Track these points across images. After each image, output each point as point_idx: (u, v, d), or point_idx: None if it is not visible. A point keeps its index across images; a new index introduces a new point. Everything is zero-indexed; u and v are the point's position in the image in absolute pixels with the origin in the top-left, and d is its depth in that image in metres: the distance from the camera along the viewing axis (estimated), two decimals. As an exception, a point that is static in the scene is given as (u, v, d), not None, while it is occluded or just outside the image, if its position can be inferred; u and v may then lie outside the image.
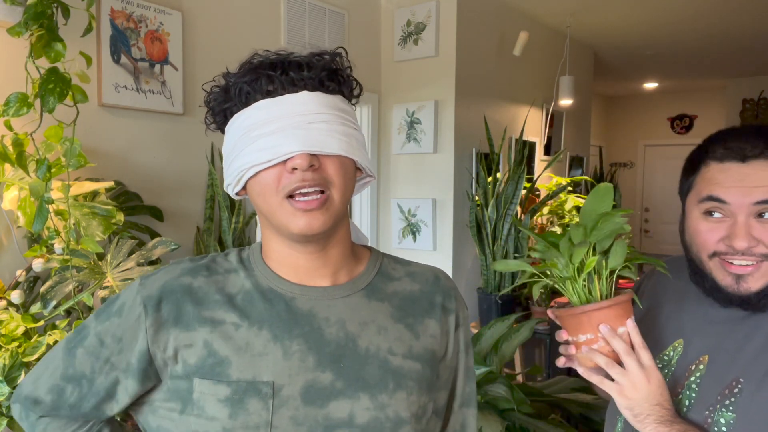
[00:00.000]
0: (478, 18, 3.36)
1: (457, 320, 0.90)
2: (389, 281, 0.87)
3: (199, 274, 0.81)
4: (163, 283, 0.79)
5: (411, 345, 0.82)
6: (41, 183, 1.46)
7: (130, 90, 2.13)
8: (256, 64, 0.78)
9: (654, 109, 7.30)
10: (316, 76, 0.77)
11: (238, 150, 0.77)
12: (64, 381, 0.81)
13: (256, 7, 2.64)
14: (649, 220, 7.41)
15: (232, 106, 0.78)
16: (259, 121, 0.75)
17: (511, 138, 3.66)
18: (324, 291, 0.81)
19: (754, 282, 0.90)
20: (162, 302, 0.78)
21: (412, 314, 0.85)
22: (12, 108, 1.50)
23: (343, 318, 0.80)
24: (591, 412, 1.96)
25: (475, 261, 3.43)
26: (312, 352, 0.77)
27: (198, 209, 2.42)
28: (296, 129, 0.74)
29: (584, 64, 4.81)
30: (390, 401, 0.78)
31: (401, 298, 0.86)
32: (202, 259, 0.84)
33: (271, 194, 0.76)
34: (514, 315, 2.26)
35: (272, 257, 0.82)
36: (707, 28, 4.28)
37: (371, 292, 0.84)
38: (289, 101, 0.75)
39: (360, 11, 3.24)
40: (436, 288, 0.89)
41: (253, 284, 0.81)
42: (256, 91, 0.76)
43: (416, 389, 0.81)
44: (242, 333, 0.77)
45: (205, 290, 0.79)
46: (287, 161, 0.74)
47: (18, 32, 1.49)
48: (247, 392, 0.74)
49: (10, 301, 1.64)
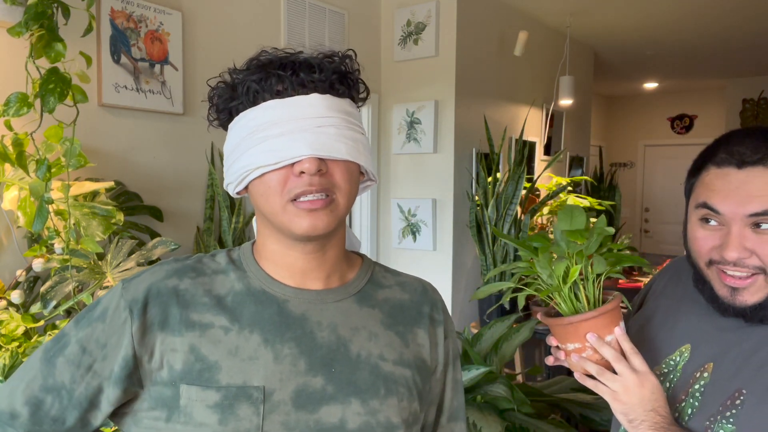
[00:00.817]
0: (478, 18, 3.36)
1: (445, 332, 0.89)
2: (380, 288, 0.86)
3: (186, 276, 0.78)
4: (149, 286, 0.76)
5: (401, 352, 0.82)
6: (41, 183, 1.46)
7: (130, 90, 2.13)
8: (265, 62, 0.76)
9: (654, 109, 7.30)
10: (326, 78, 0.75)
11: (243, 149, 0.75)
12: (44, 392, 0.76)
13: (256, 7, 2.64)
14: (649, 220, 7.41)
15: (238, 104, 0.76)
16: (267, 122, 0.73)
17: (511, 138, 3.66)
18: (317, 294, 0.80)
19: (750, 296, 0.87)
20: (148, 305, 0.75)
21: (402, 322, 0.85)
22: (12, 108, 1.50)
23: (335, 322, 0.79)
24: (591, 412, 1.96)
25: (475, 261, 3.43)
26: (303, 356, 0.76)
27: (198, 209, 2.42)
28: (305, 132, 0.73)
29: (584, 64, 4.81)
30: (381, 407, 0.77)
31: (391, 306, 0.85)
32: (187, 260, 0.82)
33: (275, 196, 0.74)
34: (514, 315, 2.26)
35: (267, 257, 0.81)
36: (707, 28, 4.28)
37: (363, 299, 0.83)
38: (299, 103, 0.74)
39: (360, 11, 3.24)
40: (424, 298, 0.90)
41: (245, 286, 0.79)
42: (264, 91, 0.74)
43: (407, 396, 0.80)
44: (232, 337, 0.75)
45: (192, 293, 0.77)
46: (295, 165, 0.73)
47: (18, 32, 1.49)
48: (237, 398, 0.72)
49: (10, 301, 1.64)
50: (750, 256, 0.86)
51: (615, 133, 7.59)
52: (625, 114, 7.54)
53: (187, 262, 0.81)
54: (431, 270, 3.30)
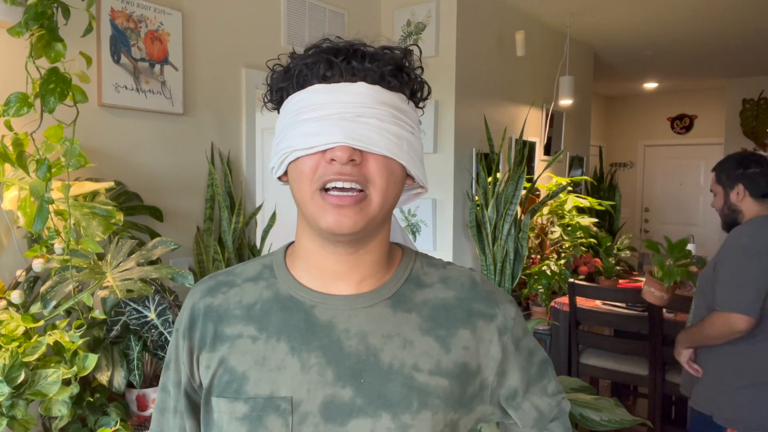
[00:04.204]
0: (478, 18, 3.36)
1: (501, 328, 0.79)
2: (419, 288, 0.79)
3: (218, 292, 0.80)
4: (190, 310, 0.80)
5: (439, 360, 0.75)
6: (41, 183, 1.46)
7: (130, 90, 2.13)
8: (324, 48, 0.74)
9: (654, 109, 7.30)
10: (378, 69, 0.72)
11: (285, 132, 0.74)
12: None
13: (256, 7, 2.64)
14: (649, 220, 7.41)
15: (288, 87, 0.75)
16: (308, 105, 0.71)
17: (511, 138, 3.66)
18: (346, 300, 0.75)
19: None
20: (192, 328, 0.79)
21: (444, 325, 0.77)
22: (12, 108, 1.49)
23: (365, 330, 0.74)
24: (591, 412, 1.96)
25: (475, 261, 3.42)
26: (331, 365, 0.72)
27: (198, 209, 2.42)
28: (344, 120, 0.69)
29: (584, 64, 4.81)
30: (413, 422, 0.72)
31: (432, 308, 0.78)
32: (220, 275, 0.83)
33: (305, 183, 0.71)
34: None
35: (300, 256, 0.78)
36: (707, 28, 4.28)
37: (398, 302, 0.77)
38: (343, 90, 0.71)
39: (360, 11, 3.24)
40: (473, 294, 0.80)
41: (273, 293, 0.78)
42: (312, 75, 0.72)
43: (442, 408, 0.74)
44: (259, 346, 0.74)
45: (225, 307, 0.78)
46: (326, 151, 0.69)
47: (18, 32, 1.49)
48: (265, 409, 0.71)
49: (10, 301, 1.64)
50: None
51: (615, 133, 7.59)
52: (625, 114, 7.54)
53: (219, 277, 0.82)
54: (431, 270, 3.29)
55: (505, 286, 3.24)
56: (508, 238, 3.20)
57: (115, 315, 1.71)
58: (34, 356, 1.45)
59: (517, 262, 3.25)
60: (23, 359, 1.43)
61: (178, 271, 1.64)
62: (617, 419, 1.72)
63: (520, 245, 3.24)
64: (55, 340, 1.51)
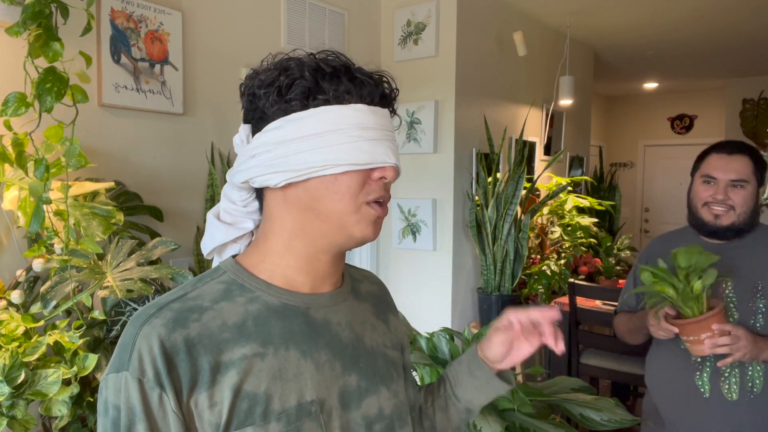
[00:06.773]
0: (478, 18, 3.36)
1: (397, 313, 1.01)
2: (358, 283, 0.93)
3: (189, 321, 0.70)
4: (160, 349, 0.67)
5: (391, 338, 0.92)
6: (40, 183, 1.46)
7: (130, 90, 2.13)
8: (354, 69, 0.77)
9: (654, 109, 7.30)
10: (393, 99, 0.81)
11: (321, 144, 0.73)
12: None
13: (256, 7, 2.64)
14: (649, 220, 7.41)
15: (324, 98, 0.74)
16: (361, 123, 0.75)
17: (511, 138, 3.66)
18: (329, 297, 0.82)
19: (725, 221, 1.66)
20: (171, 370, 0.67)
21: (382, 311, 0.94)
22: (10, 108, 1.49)
23: (349, 320, 0.84)
24: (591, 412, 1.96)
25: (476, 261, 3.42)
26: (337, 358, 0.79)
27: (198, 209, 2.42)
28: (389, 141, 0.78)
29: (584, 64, 4.81)
30: (399, 388, 0.87)
31: (372, 297, 0.93)
32: (171, 304, 0.72)
33: (348, 196, 0.75)
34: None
35: (289, 264, 0.78)
36: (707, 28, 4.28)
37: (356, 294, 0.89)
38: (381, 114, 0.78)
39: (360, 11, 3.24)
40: (382, 288, 0.99)
41: (262, 305, 0.75)
42: (355, 94, 0.76)
43: (402, 375, 0.91)
44: (270, 360, 0.72)
45: (208, 335, 0.70)
46: (375, 170, 0.77)
47: (16, 32, 1.49)
48: (299, 419, 0.72)
49: (10, 301, 1.64)
50: (728, 200, 1.62)
51: (615, 133, 7.59)
52: (625, 114, 7.54)
53: (173, 305, 0.72)
54: (431, 270, 3.30)
55: (505, 286, 3.24)
56: (508, 238, 3.20)
57: (115, 315, 1.71)
58: (34, 356, 1.45)
59: (517, 262, 3.25)
60: (23, 359, 1.43)
61: (178, 271, 1.64)
62: (617, 419, 1.72)
63: (520, 245, 3.24)
64: (55, 340, 1.51)
